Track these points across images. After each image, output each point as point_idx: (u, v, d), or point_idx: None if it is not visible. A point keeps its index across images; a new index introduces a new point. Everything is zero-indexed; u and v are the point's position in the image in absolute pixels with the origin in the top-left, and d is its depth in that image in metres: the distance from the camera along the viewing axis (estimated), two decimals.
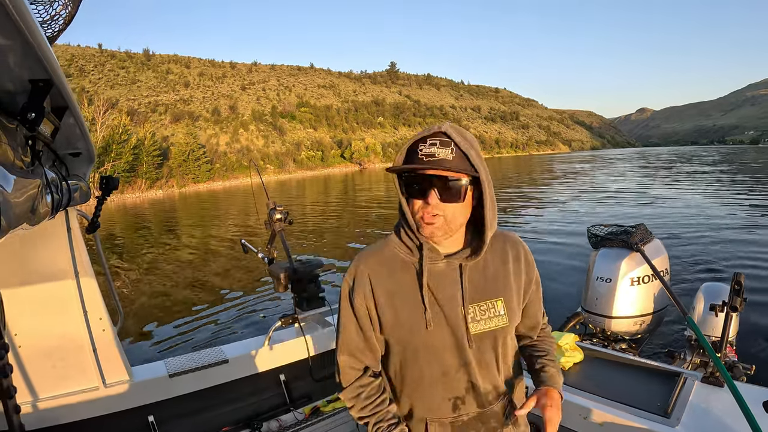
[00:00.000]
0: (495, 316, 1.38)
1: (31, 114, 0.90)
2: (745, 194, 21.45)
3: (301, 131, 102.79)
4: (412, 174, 1.27)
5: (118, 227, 24.17)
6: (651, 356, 3.67)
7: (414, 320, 1.34)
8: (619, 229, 4.00)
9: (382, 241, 1.45)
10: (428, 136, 1.25)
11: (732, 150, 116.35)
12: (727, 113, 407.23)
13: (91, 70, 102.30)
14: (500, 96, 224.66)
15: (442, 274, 1.35)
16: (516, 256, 1.45)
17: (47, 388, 2.44)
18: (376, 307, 1.38)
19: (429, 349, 1.37)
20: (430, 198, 1.24)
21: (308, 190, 44.39)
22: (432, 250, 1.34)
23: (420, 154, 1.23)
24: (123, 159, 48.07)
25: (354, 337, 1.43)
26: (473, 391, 1.40)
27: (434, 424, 1.41)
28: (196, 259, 14.04)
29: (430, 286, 1.34)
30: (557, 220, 16.59)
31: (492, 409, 1.44)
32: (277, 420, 3.09)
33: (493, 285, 1.39)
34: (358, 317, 1.41)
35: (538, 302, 1.53)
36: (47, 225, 2.26)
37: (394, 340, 1.41)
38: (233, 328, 7.76)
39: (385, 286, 1.37)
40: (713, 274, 8.62)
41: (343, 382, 1.47)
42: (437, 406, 1.41)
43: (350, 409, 1.49)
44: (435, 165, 1.22)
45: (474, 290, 1.36)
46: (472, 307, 1.36)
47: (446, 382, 1.39)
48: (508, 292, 1.40)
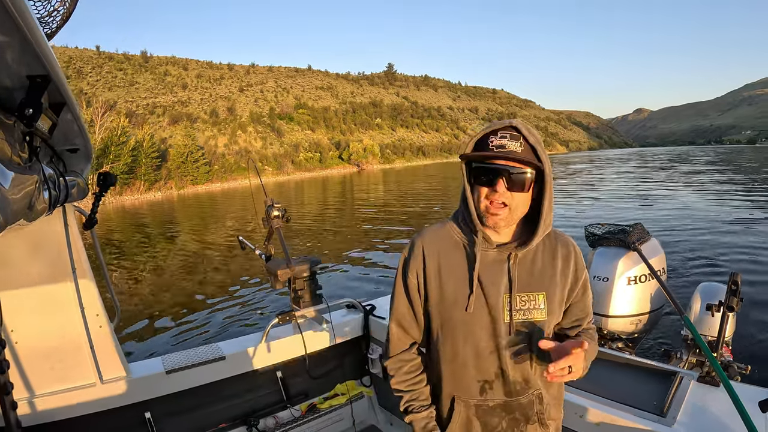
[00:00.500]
0: (535, 309, 1.43)
1: (29, 110, 0.90)
2: (743, 194, 21.59)
3: (299, 133, 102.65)
4: (482, 163, 1.35)
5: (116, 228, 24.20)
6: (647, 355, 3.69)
7: (456, 298, 1.42)
8: (616, 228, 4.00)
9: (441, 222, 1.53)
10: (499, 129, 1.34)
11: (729, 150, 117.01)
12: (724, 113, 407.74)
13: (89, 72, 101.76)
14: (498, 97, 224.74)
15: (491, 261, 1.42)
16: (566, 256, 1.50)
17: (44, 385, 2.43)
18: (426, 280, 1.47)
19: (466, 329, 1.43)
20: (498, 186, 1.32)
21: (306, 191, 44.47)
22: (486, 238, 1.41)
23: (491, 145, 1.33)
24: (122, 161, 48.00)
25: (404, 309, 1.53)
26: (502, 377, 1.45)
27: (461, 402, 1.48)
28: (194, 258, 14.07)
29: (479, 271, 1.41)
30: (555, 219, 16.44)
31: (518, 400, 1.47)
32: (274, 417, 3.10)
33: (539, 279, 1.44)
34: (410, 290, 1.51)
35: (583, 303, 1.55)
36: (44, 221, 2.26)
37: (435, 314, 1.48)
38: (230, 324, 7.81)
39: (435, 261, 1.45)
40: (710, 273, 8.65)
41: (390, 351, 1.57)
42: (467, 385, 1.47)
43: (391, 378, 1.57)
44: (506, 155, 1.30)
45: (519, 281, 1.42)
46: (515, 296, 1.41)
47: (478, 364, 1.44)
48: (552, 289, 1.45)
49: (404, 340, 1.56)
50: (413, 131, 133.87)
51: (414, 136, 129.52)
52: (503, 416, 1.48)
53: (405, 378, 1.55)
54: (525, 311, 1.42)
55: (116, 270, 12.70)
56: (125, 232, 22.63)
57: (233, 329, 7.54)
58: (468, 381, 1.47)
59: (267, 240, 3.53)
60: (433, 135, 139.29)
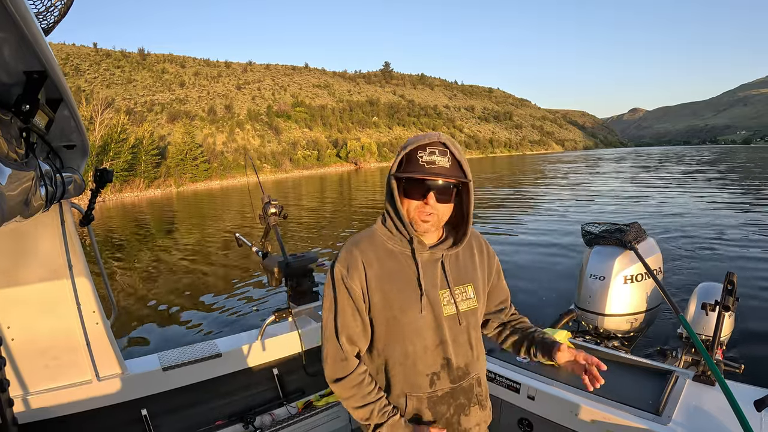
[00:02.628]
0: (467, 299, 1.57)
1: (26, 106, 0.90)
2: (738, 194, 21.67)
3: (296, 131, 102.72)
4: (414, 179, 1.43)
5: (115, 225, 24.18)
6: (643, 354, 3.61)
7: (403, 303, 1.49)
8: (613, 227, 4.01)
9: (369, 230, 1.58)
10: (427, 144, 1.42)
11: (724, 150, 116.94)
12: (720, 113, 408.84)
13: (87, 69, 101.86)
14: (494, 96, 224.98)
15: (426, 262, 1.53)
16: (480, 248, 1.67)
17: (40, 382, 2.42)
18: (368, 289, 1.50)
19: (414, 329, 1.50)
20: (429, 199, 1.43)
21: (304, 188, 44.45)
22: (420, 242, 1.51)
23: (421, 161, 1.41)
24: (121, 158, 47.92)
25: (351, 321, 1.51)
26: (448, 367, 1.55)
27: (413, 398, 1.54)
28: (191, 255, 14.07)
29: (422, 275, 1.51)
30: (552, 217, 16.77)
31: (461, 385, 1.58)
32: (270, 414, 3.09)
33: (465, 272, 1.59)
34: (355, 301, 1.50)
35: (501, 286, 1.74)
36: (41, 217, 2.25)
37: (380, 320, 1.52)
38: (227, 322, 7.80)
39: (375, 271, 1.50)
40: (707, 272, 8.62)
41: (343, 370, 1.51)
42: (417, 381, 1.53)
43: (349, 398, 1.52)
44: (437, 171, 1.40)
45: (452, 277, 1.55)
46: (450, 291, 1.54)
47: (426, 359, 1.52)
48: (476, 279, 1.61)
49: (354, 353, 1.54)
50: (410, 129, 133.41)
51: (410, 134, 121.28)
52: (450, 403, 1.57)
53: (369, 389, 1.52)
54: (460, 302, 1.55)
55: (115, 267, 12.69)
56: (124, 228, 22.57)
57: (230, 326, 7.51)
58: (418, 377, 1.53)
59: (264, 237, 3.49)
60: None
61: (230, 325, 7.57)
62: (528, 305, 6.82)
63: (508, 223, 16.01)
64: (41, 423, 2.39)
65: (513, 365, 2.60)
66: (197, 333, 7.38)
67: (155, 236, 19.13)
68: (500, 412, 2.55)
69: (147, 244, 17.14)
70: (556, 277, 8.82)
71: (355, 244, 1.54)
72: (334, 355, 1.51)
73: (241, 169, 66.52)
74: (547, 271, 9.49)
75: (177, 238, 18.00)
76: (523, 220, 16.71)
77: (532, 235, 13.50)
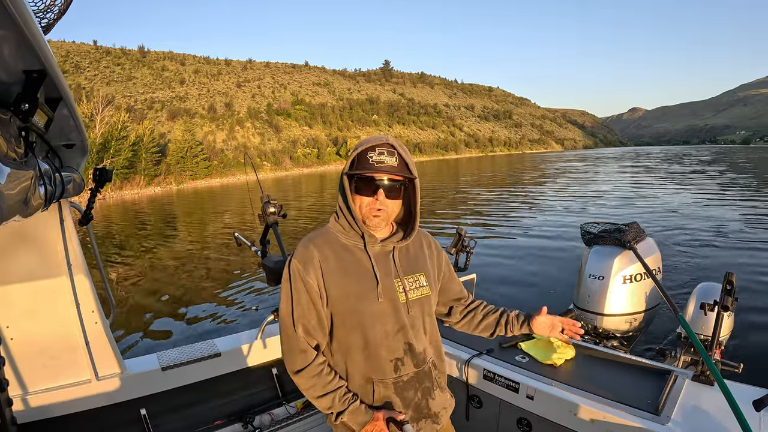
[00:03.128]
0: (421, 287, 1.69)
1: (25, 105, 0.90)
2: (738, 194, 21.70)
3: (296, 129, 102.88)
4: (365, 176, 1.55)
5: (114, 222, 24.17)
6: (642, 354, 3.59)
7: (360, 292, 1.59)
8: (612, 227, 4.01)
9: (323, 228, 1.69)
10: (377, 146, 1.55)
11: (723, 150, 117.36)
12: (719, 113, 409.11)
13: (87, 66, 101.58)
14: (493, 94, 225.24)
15: (378, 254, 1.64)
16: (428, 244, 1.81)
17: (39, 381, 2.41)
18: (324, 283, 1.58)
19: (373, 315, 1.59)
20: (379, 195, 1.55)
21: (304, 187, 44.60)
22: (371, 236, 1.63)
23: (371, 160, 1.53)
24: (122, 155, 47.96)
25: (307, 313, 1.58)
26: (410, 352, 1.65)
27: (379, 384, 1.61)
28: (190, 254, 14.06)
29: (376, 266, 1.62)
30: (551, 216, 16.82)
31: (424, 369, 1.68)
32: (269, 414, 3.08)
33: (416, 263, 1.72)
34: (311, 294, 1.57)
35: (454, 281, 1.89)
36: (40, 217, 2.24)
37: (340, 311, 1.60)
38: (226, 321, 7.80)
39: (331, 265, 1.59)
40: (706, 272, 8.66)
41: (301, 362, 1.57)
42: (382, 367, 1.61)
43: (310, 388, 1.58)
44: (386, 169, 1.53)
45: (403, 267, 1.68)
46: (404, 279, 1.66)
47: (388, 344, 1.61)
48: (427, 269, 1.74)
49: (312, 345, 1.60)
50: (410, 128, 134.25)
51: (411, 133, 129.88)
52: (417, 387, 1.66)
53: (328, 379, 1.58)
54: (415, 290, 1.67)
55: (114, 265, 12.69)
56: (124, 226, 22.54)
57: (229, 326, 7.52)
58: (382, 363, 1.61)
59: (263, 236, 3.49)
60: (430, 132, 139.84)
61: (229, 325, 7.56)
62: (526, 304, 6.64)
63: (507, 221, 16.05)
64: (40, 422, 2.38)
65: (511, 365, 2.59)
66: (196, 332, 7.38)
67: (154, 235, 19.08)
68: (499, 411, 2.54)
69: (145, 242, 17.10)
70: (555, 277, 8.85)
71: (310, 240, 1.63)
72: (292, 347, 1.58)
73: (242, 167, 66.42)
74: (546, 271, 9.51)
75: (176, 237, 17.93)
76: (522, 219, 16.73)
77: (531, 235, 13.53)
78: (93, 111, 50.46)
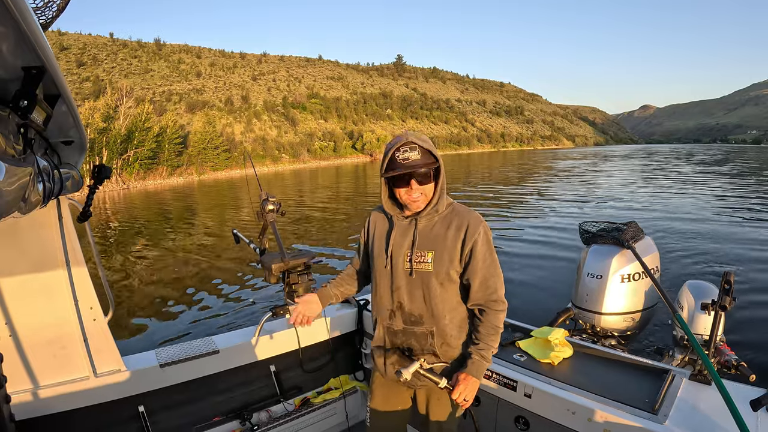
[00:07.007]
0: (424, 262, 1.90)
1: (24, 101, 0.88)
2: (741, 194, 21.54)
3: (312, 122, 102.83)
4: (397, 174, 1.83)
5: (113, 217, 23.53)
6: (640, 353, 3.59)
7: (378, 253, 2.05)
8: (610, 226, 4.02)
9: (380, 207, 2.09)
10: (400, 145, 1.80)
11: (734, 149, 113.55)
12: (731, 112, 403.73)
13: (104, 59, 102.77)
14: (505, 90, 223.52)
15: (402, 227, 1.98)
16: (459, 226, 1.89)
17: (37, 378, 2.40)
18: (368, 238, 2.15)
19: (380, 273, 2.04)
20: (413, 185, 1.83)
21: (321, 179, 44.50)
22: (398, 217, 1.99)
23: (398, 159, 1.79)
24: (145, 146, 48.74)
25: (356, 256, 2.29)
26: (401, 310, 1.98)
27: (381, 324, 2.07)
28: (189, 251, 13.89)
29: (394, 235, 1.99)
30: (551, 215, 16.65)
31: (413, 330, 1.97)
32: (267, 411, 3.09)
33: (431, 241, 1.91)
34: (361, 241, 2.21)
35: (482, 273, 1.88)
36: (39, 213, 2.26)
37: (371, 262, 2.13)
38: (224, 318, 7.76)
39: (374, 230, 2.12)
40: (704, 272, 8.73)
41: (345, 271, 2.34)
42: (381, 311, 2.05)
43: None
44: (412, 164, 1.79)
45: (419, 240, 1.93)
46: (414, 252, 1.93)
47: (387, 296, 2.01)
48: (440, 249, 1.89)
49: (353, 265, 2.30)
50: (423, 122, 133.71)
51: (424, 128, 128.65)
52: (403, 340, 2.01)
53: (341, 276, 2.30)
54: (417, 263, 1.91)
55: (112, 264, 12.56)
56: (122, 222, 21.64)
57: (227, 323, 7.50)
58: (382, 308, 2.03)
59: (261, 234, 3.50)
60: (443, 126, 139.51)
61: (228, 322, 7.56)
62: (525, 303, 6.98)
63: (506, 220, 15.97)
64: (38, 419, 2.37)
65: (509, 363, 2.62)
66: (195, 329, 7.37)
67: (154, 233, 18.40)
68: (497, 409, 2.57)
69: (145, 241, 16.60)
70: (554, 276, 8.87)
71: (375, 210, 2.15)
72: None
73: (260, 159, 67.51)
74: (545, 270, 9.51)
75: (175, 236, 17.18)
76: (521, 216, 16.67)
77: (531, 234, 13.38)
78: (117, 102, 51.38)
